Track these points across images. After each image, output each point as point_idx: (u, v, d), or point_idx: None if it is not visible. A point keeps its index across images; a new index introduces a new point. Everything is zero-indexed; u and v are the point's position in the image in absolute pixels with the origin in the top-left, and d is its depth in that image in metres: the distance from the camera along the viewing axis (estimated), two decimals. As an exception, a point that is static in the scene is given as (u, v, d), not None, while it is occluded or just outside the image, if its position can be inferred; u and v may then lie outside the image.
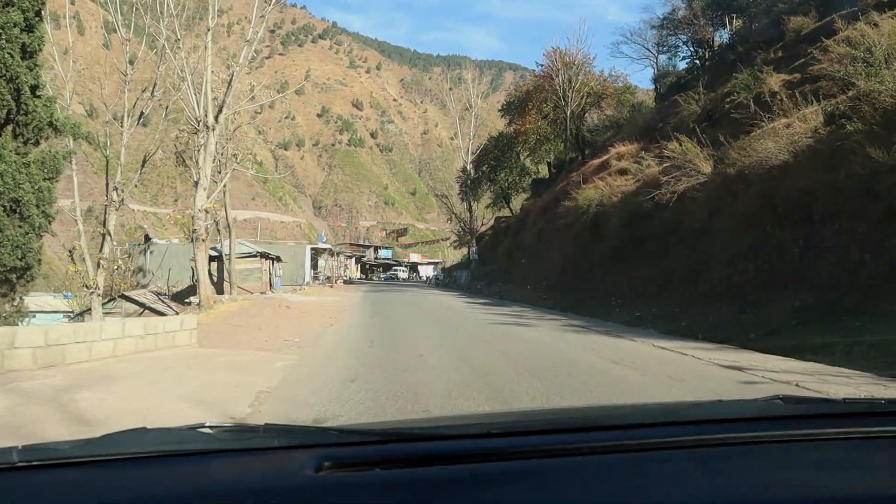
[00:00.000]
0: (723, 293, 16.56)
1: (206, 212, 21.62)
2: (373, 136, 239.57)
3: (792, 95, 17.03)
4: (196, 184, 21.51)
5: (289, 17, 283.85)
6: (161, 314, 26.40)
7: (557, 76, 46.84)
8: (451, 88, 65.94)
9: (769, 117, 17.12)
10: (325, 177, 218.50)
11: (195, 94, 21.53)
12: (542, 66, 49.48)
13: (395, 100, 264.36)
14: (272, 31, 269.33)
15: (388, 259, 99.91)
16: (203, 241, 21.35)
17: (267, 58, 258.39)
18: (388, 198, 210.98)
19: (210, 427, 1.58)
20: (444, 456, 1.47)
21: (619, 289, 22.94)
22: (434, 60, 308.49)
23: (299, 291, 37.76)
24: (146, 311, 31.30)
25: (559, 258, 32.35)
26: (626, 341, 12.57)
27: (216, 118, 21.98)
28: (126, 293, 32.63)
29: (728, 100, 27.08)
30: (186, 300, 31.67)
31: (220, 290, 35.74)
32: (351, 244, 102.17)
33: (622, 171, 29.04)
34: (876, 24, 14.52)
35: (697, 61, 48.13)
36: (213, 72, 24.80)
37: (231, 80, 22.93)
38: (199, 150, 21.58)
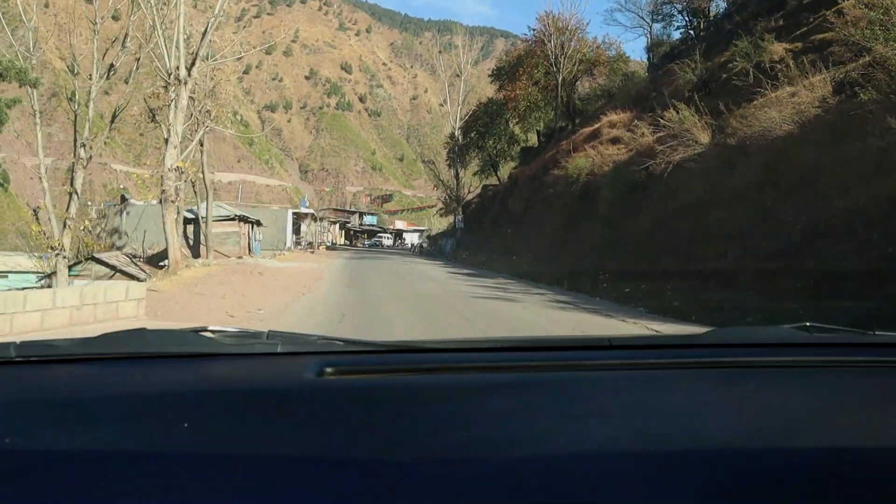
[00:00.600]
0: (719, 272, 15.73)
1: (177, 171, 20.43)
2: (361, 100, 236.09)
3: (797, 64, 16.05)
4: (166, 141, 20.31)
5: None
6: (134, 277, 25.36)
7: (549, 41, 45.47)
8: (440, 52, 64.31)
9: (773, 85, 16.16)
10: (313, 140, 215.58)
11: (166, 45, 20.21)
12: (533, 30, 48.09)
13: (384, 64, 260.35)
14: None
15: (372, 225, 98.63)
16: (173, 202, 20.23)
17: (255, 17, 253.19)
18: (376, 163, 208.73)
19: (212, 331, 1.55)
20: (452, 367, 1.45)
21: (609, 263, 22.09)
22: (425, 25, 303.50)
23: (278, 257, 36.73)
24: (117, 273, 30.20)
25: (547, 229, 31.47)
26: (616, 321, 11.69)
27: (189, 71, 20.71)
28: (97, 255, 31.42)
29: (727, 69, 26.10)
30: (161, 263, 30.61)
31: (196, 254, 34.67)
32: (335, 209, 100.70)
33: (614, 140, 28.05)
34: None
35: (692, 32, 46.83)
36: (190, 24, 23.48)
37: (206, 30, 21.61)
38: (169, 106, 20.32)
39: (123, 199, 48.66)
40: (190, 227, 35.26)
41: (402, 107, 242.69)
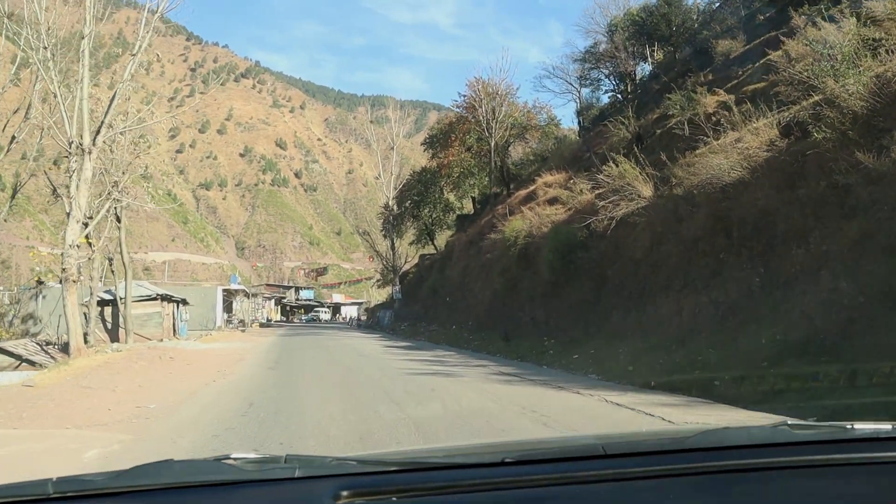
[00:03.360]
0: (673, 331, 14.54)
1: (80, 248, 18.42)
2: (297, 175, 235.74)
3: (739, 110, 15.37)
4: (68, 216, 18.35)
5: (210, 56, 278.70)
6: (42, 366, 22.86)
7: (480, 107, 45.22)
8: (371, 122, 63.94)
9: (716, 132, 15.41)
10: (249, 217, 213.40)
11: (66, 112, 18.46)
12: (464, 96, 47.83)
13: (319, 139, 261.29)
14: (192, 70, 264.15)
15: (309, 300, 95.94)
16: (74, 282, 18.13)
17: (188, 96, 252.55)
18: (313, 238, 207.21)
19: (234, 458, 1.61)
20: (459, 485, 1.49)
21: (553, 327, 20.82)
22: (359, 100, 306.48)
23: (205, 337, 34.31)
24: (23, 363, 27.47)
25: (486, 295, 30.19)
26: (569, 395, 10.23)
27: (94, 140, 18.96)
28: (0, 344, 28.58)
29: (660, 125, 25.80)
30: (94, 348, 27.96)
31: (115, 338, 32.05)
32: (269, 285, 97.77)
33: (552, 201, 27.20)
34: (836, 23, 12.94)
35: (619, 96, 47.37)
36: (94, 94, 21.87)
37: (113, 96, 19.99)
38: (70, 177, 18.45)
39: (40, 283, 45.45)
40: (108, 309, 32.70)
41: (338, 181, 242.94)
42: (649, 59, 44.14)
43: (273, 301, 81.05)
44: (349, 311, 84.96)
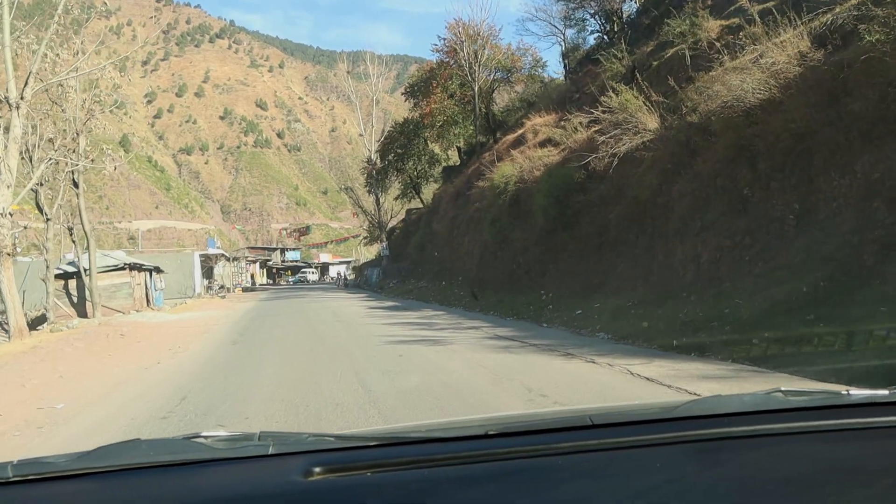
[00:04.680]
0: (690, 280, 12.68)
1: (12, 216, 16.29)
2: (279, 136, 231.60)
3: (758, 23, 13.25)
4: (-2, 180, 16.18)
5: (183, 17, 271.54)
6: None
7: (462, 50, 42.61)
8: (349, 73, 60.92)
9: (731, 52, 13.31)
10: (233, 180, 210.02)
11: (-14, 62, 16.15)
12: (444, 40, 45.05)
13: (300, 98, 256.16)
14: (165, 32, 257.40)
15: (296, 261, 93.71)
16: (9, 255, 16.06)
17: (162, 59, 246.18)
18: (300, 198, 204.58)
19: (205, 436, 1.57)
20: (437, 458, 1.43)
21: (551, 280, 18.97)
22: (338, 57, 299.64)
23: (179, 306, 32.37)
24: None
25: (476, 248, 28.28)
26: (583, 365, 8.35)
27: (21, 94, 16.68)
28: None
29: (657, 56, 23.60)
30: (38, 328, 26.03)
31: (82, 313, 30.02)
32: (252, 248, 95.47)
33: (543, 143, 25.08)
34: None
35: (605, 36, 44.75)
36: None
37: (47, 39, 17.61)
38: (-5, 135, 16.22)
39: (3, 257, 43.43)
40: (73, 282, 30.59)
41: (322, 140, 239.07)
42: (637, -8, 41.54)
43: (258, 264, 78.92)
44: (338, 271, 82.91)
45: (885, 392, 1.70)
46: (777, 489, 1.27)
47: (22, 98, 16.77)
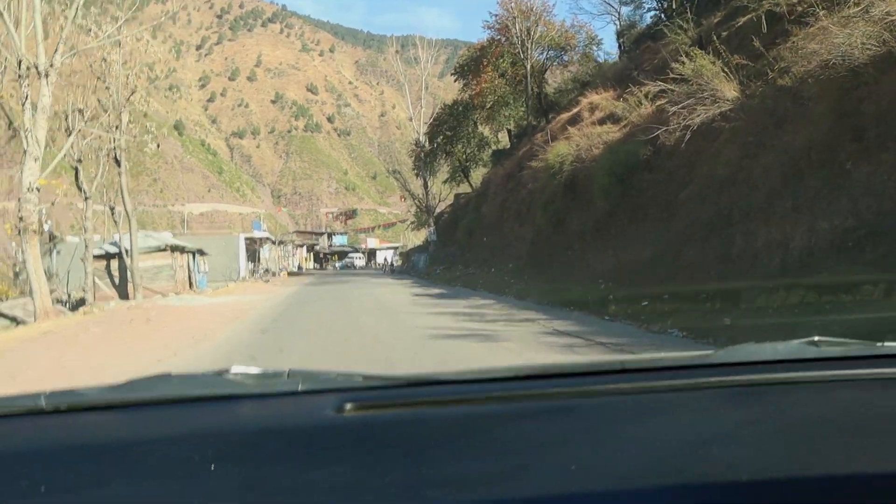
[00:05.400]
0: (776, 267, 11.05)
1: (39, 190, 15.41)
2: (330, 120, 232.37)
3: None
4: (25, 153, 15.32)
5: (236, 2, 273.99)
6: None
7: (514, 26, 40.83)
8: (397, 52, 59.76)
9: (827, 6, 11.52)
10: (283, 164, 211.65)
11: (13, 26, 15.27)
12: (495, 16, 43.28)
13: (350, 82, 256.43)
14: (219, 17, 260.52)
15: (343, 246, 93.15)
16: (35, 232, 15.23)
17: (216, 44, 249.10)
18: (349, 183, 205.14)
19: (235, 373, 1.55)
20: (471, 398, 1.43)
21: (609, 266, 17.41)
22: (389, 41, 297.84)
23: (220, 289, 31.68)
24: (19, 325, 25.17)
25: (528, 233, 26.79)
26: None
27: (51, 61, 15.79)
28: (-8, 304, 26.17)
29: (726, 26, 21.70)
30: (78, 309, 25.58)
31: (124, 294, 29.59)
32: (300, 232, 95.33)
33: (602, 121, 23.37)
34: None
35: (663, 14, 42.35)
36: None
37: (79, 5, 16.68)
38: (23, 105, 15.34)
39: (52, 237, 43.36)
40: (115, 263, 30.17)
41: (372, 124, 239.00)
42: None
43: (305, 248, 78.54)
44: (384, 256, 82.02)
45: None
46: (816, 434, 1.29)
47: (52, 66, 15.88)
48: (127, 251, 28.01)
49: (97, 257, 30.42)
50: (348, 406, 1.32)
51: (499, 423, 1.30)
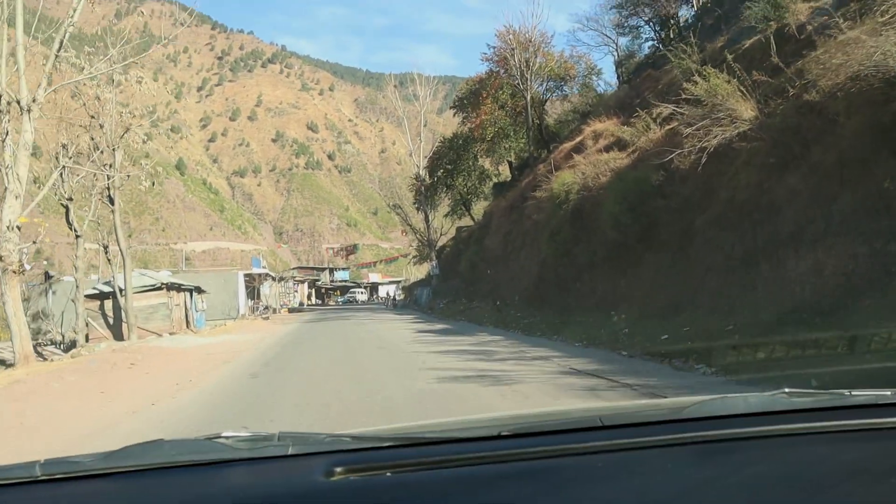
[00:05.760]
0: (810, 297, 10.16)
1: (20, 229, 14.59)
2: (330, 157, 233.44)
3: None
4: (6, 190, 14.56)
5: (236, 44, 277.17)
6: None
7: (513, 57, 40.41)
8: (397, 87, 59.57)
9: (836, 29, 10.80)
10: (285, 202, 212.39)
11: (-7, 60, 14.59)
12: (493, 48, 42.85)
13: (350, 120, 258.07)
14: (220, 59, 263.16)
15: (345, 281, 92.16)
16: (15, 272, 14.39)
17: (216, 85, 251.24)
18: (350, 219, 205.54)
19: (226, 437, 1.59)
20: (453, 459, 1.47)
21: (621, 298, 16.54)
22: (387, 79, 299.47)
23: (218, 328, 30.75)
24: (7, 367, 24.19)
25: (533, 265, 25.93)
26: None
27: (34, 96, 15.10)
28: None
29: (732, 48, 21.15)
30: (73, 350, 24.63)
31: (118, 335, 28.64)
32: (301, 268, 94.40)
33: (607, 148, 22.65)
34: None
35: (660, 45, 42.00)
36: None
37: (63, 39, 16.05)
38: (3, 140, 14.61)
39: (48, 277, 42.45)
40: (109, 303, 29.24)
41: (372, 161, 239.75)
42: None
43: (307, 284, 77.61)
44: (387, 291, 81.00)
45: (888, 393, 1.70)
46: (784, 490, 1.29)
47: (34, 101, 15.19)
48: (121, 290, 27.15)
49: (91, 297, 29.54)
50: (338, 469, 1.35)
51: (481, 487, 1.32)
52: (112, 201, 26.29)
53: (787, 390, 1.84)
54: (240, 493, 1.33)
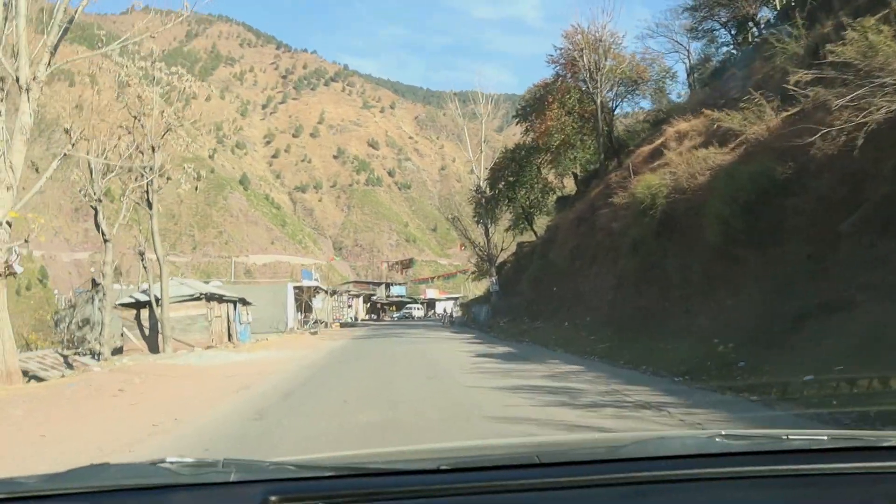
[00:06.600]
0: None
1: (10, 225, 12.38)
2: (390, 174, 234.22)
3: None
4: (-2, 181, 12.39)
5: (300, 63, 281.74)
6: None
7: (581, 58, 37.36)
8: (456, 93, 57.31)
9: None
10: (345, 217, 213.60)
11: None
12: (560, 49, 39.84)
13: (410, 137, 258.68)
14: (284, 77, 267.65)
15: (401, 296, 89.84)
16: (1, 275, 12.18)
17: (280, 103, 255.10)
18: (409, 235, 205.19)
19: (171, 462, 1.58)
20: (389, 492, 1.48)
21: (727, 321, 13.34)
22: (448, 97, 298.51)
23: (259, 343, 28.51)
24: (31, 379, 22.35)
25: (608, 281, 22.85)
26: None
27: (34, 74, 12.95)
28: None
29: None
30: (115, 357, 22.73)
31: (154, 347, 26.66)
32: (357, 282, 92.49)
33: (704, 144, 19.46)
34: None
35: (735, 50, 38.39)
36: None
37: (59, 9, 13.89)
38: (-2, 120, 12.49)
39: (94, 284, 41.19)
40: (146, 312, 27.30)
41: (432, 178, 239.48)
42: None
43: (362, 299, 75.54)
44: (444, 307, 78.33)
45: (825, 437, 1.71)
46: None
47: (34, 79, 13.04)
48: (157, 300, 25.16)
49: (126, 306, 27.73)
50: (272, 499, 1.34)
51: None
52: (150, 205, 24.49)
53: (723, 432, 1.81)
54: None
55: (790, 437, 1.72)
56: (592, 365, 13.99)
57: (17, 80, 12.94)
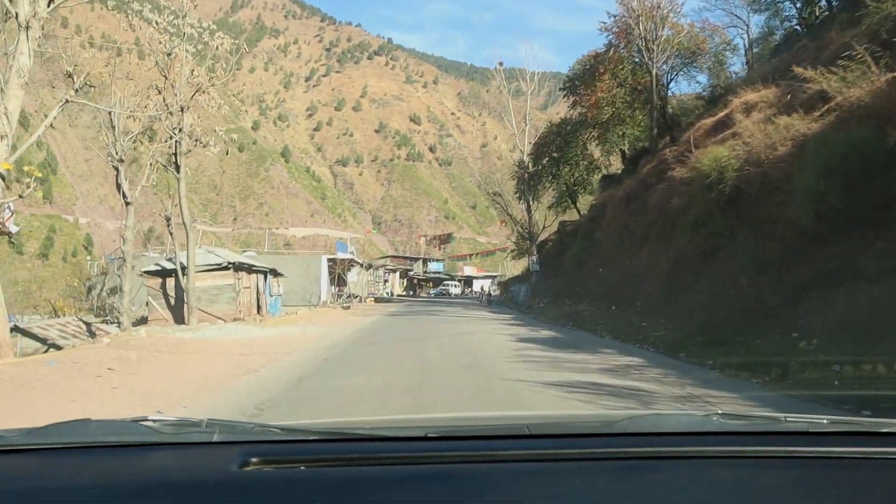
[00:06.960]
0: None
1: (4, 179, 11.07)
2: (431, 150, 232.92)
3: None
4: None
5: (344, 36, 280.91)
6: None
7: (637, 26, 35.08)
8: (500, 63, 55.22)
9: None
10: (385, 192, 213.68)
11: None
12: (614, 17, 37.57)
13: (452, 113, 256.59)
14: (327, 50, 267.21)
15: (438, 273, 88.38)
16: (-8, 233, 10.90)
17: (324, 76, 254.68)
18: (448, 212, 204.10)
19: (153, 420, 1.57)
20: (374, 457, 1.44)
21: (814, 313, 11.48)
22: (491, 74, 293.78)
23: (288, 316, 27.26)
24: (50, 348, 21.44)
25: (662, 263, 20.94)
26: None
27: (34, 10, 11.56)
28: (23, 326, 22.50)
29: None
30: (136, 327, 21.72)
31: (179, 318, 25.59)
32: (394, 257, 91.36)
33: (767, 120, 17.42)
34: None
35: (798, 27, 35.53)
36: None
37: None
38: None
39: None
40: (171, 282, 26.21)
41: (473, 155, 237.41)
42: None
43: (398, 274, 74.29)
44: (481, 285, 76.73)
45: (824, 421, 1.68)
46: None
47: (35, 16, 11.65)
48: (184, 268, 23.97)
49: (151, 273, 26.69)
50: (253, 460, 1.31)
51: (400, 487, 1.28)
52: (178, 168, 23.24)
53: (720, 412, 1.80)
54: (156, 477, 1.29)
55: (788, 419, 1.71)
56: (651, 357, 12.24)
57: (17, 16, 11.56)
